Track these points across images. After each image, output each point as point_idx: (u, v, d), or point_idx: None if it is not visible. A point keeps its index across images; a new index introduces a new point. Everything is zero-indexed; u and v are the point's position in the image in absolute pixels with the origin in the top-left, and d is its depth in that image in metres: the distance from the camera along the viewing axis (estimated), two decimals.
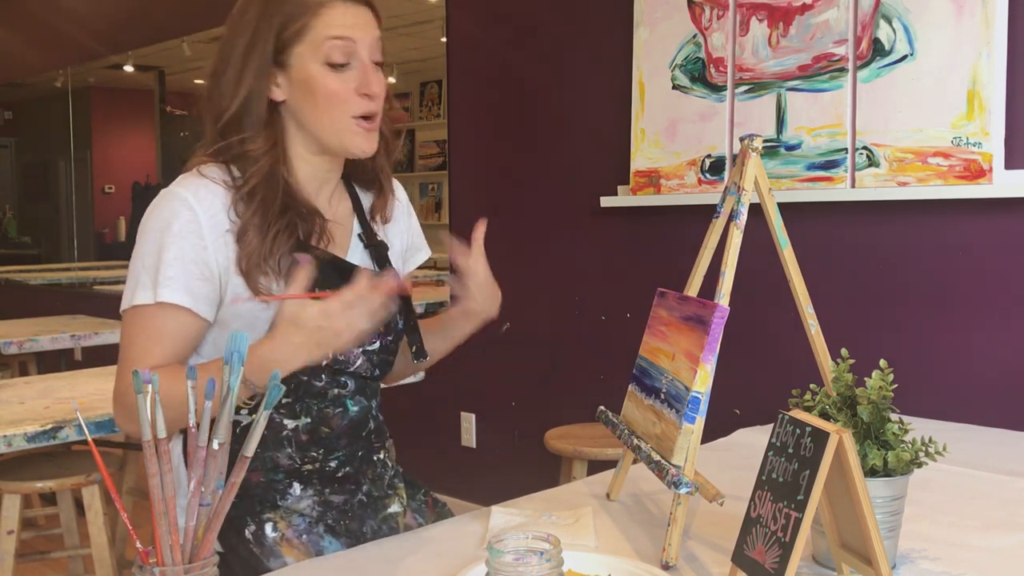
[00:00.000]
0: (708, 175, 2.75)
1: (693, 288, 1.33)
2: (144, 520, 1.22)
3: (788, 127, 2.57)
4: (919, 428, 1.20)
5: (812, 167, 2.52)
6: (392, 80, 3.85)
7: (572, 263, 3.24)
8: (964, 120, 2.25)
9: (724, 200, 1.29)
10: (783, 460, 0.96)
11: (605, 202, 3.03)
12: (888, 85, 2.38)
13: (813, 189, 2.51)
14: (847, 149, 2.45)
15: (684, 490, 1.11)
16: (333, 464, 1.35)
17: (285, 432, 1.31)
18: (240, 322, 1.26)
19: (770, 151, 2.59)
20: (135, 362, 1.23)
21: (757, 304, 2.53)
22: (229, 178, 1.28)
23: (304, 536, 1.31)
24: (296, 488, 1.33)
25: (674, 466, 1.14)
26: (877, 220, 2.48)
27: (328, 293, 1.12)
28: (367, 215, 1.44)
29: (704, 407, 1.15)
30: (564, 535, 1.21)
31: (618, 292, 3.10)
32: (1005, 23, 2.20)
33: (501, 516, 1.31)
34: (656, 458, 1.18)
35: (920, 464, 1.09)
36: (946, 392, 2.35)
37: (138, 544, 0.84)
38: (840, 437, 0.90)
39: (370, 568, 1.17)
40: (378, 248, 1.42)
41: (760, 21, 2.63)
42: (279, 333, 1.12)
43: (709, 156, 2.75)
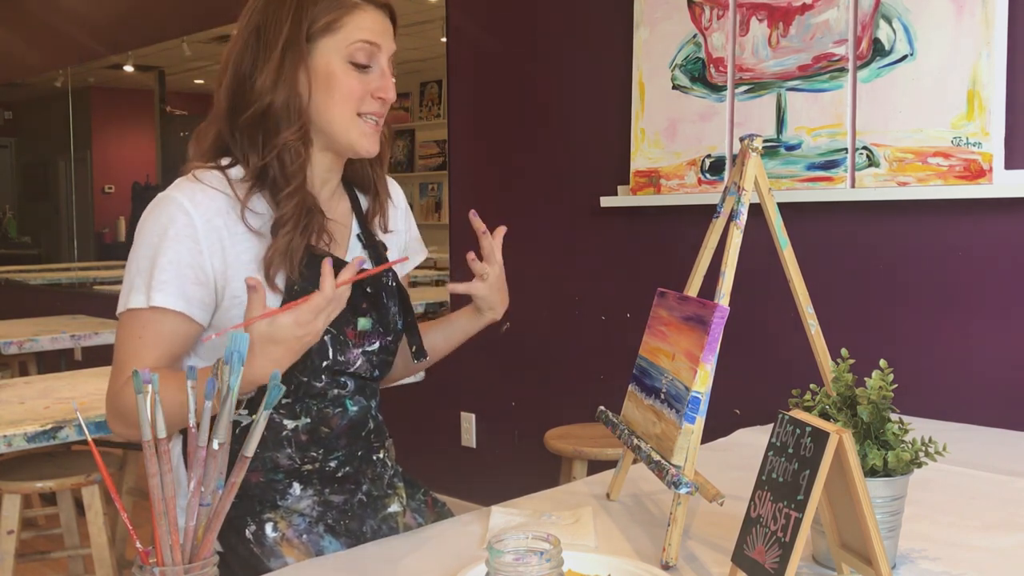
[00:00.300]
0: (708, 175, 2.75)
1: (693, 288, 1.33)
2: (144, 520, 1.22)
3: (788, 127, 2.57)
4: (919, 428, 1.20)
5: (812, 167, 2.52)
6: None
7: (572, 263, 3.25)
8: (964, 120, 2.25)
9: (724, 200, 1.29)
10: (783, 460, 0.96)
11: (605, 202, 3.03)
12: (888, 85, 2.38)
13: (813, 189, 2.51)
14: (847, 149, 2.45)
15: (684, 490, 1.11)
16: (333, 464, 1.35)
17: (285, 432, 1.31)
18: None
19: (770, 151, 2.59)
20: (128, 365, 1.23)
21: (757, 304, 2.53)
22: (227, 183, 1.28)
23: (304, 536, 1.31)
24: (296, 488, 1.33)
25: (674, 466, 1.14)
26: (877, 220, 2.48)
27: (298, 301, 1.11)
28: (365, 217, 1.45)
29: (704, 407, 1.15)
30: (564, 535, 1.21)
31: (618, 292, 3.10)
32: (1005, 23, 2.20)
33: (501, 516, 1.31)
34: (656, 458, 1.18)
35: (920, 464, 1.09)
36: (946, 392, 2.35)
37: (138, 544, 0.84)
38: (840, 437, 0.90)
39: (370, 568, 1.17)
40: (376, 249, 1.42)
41: (760, 21, 2.63)
42: (258, 353, 1.10)
43: (709, 156, 2.75)
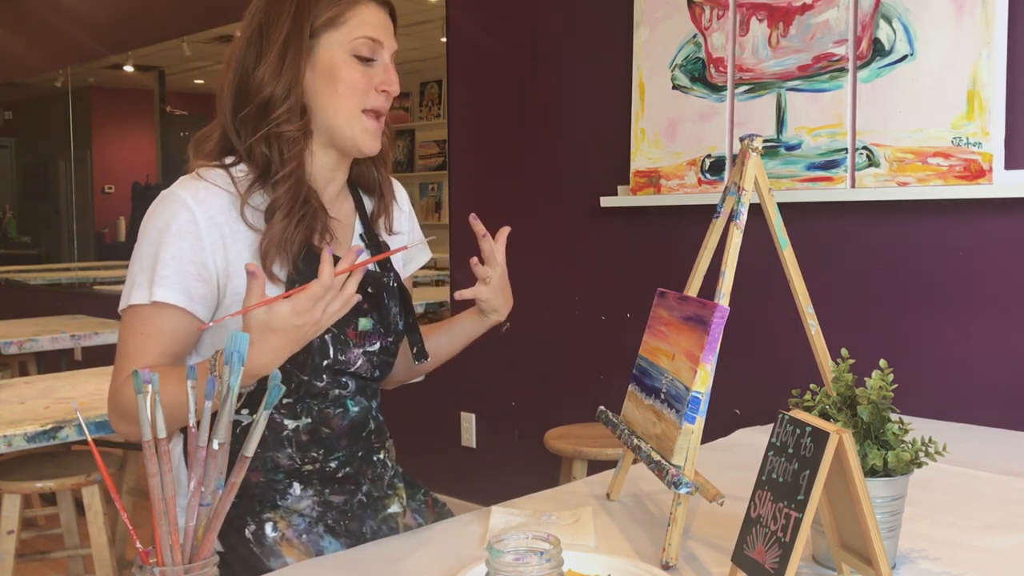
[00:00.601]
0: (708, 175, 2.75)
1: (693, 288, 1.33)
2: (144, 520, 1.22)
3: (788, 127, 2.57)
4: (919, 428, 1.20)
5: (812, 167, 2.52)
6: None
7: (572, 263, 3.24)
8: (964, 120, 2.25)
9: (724, 200, 1.29)
10: (783, 460, 0.96)
11: (605, 202, 3.03)
12: (888, 85, 2.38)
13: (813, 189, 2.51)
14: (847, 149, 2.45)
15: (684, 490, 1.11)
16: (333, 464, 1.35)
17: (285, 432, 1.31)
18: (237, 324, 1.25)
19: (770, 151, 2.59)
20: (130, 361, 1.23)
21: (757, 304, 2.53)
22: (230, 180, 1.29)
23: (304, 536, 1.31)
24: (296, 488, 1.33)
25: (674, 466, 1.14)
26: (877, 220, 2.48)
27: (296, 289, 1.11)
28: (369, 218, 1.45)
29: (704, 407, 1.15)
30: (564, 535, 1.21)
31: (618, 292, 3.10)
32: (1005, 23, 2.20)
33: (501, 516, 1.31)
34: (656, 458, 1.18)
35: (920, 464, 1.09)
36: (946, 392, 2.35)
37: (138, 544, 0.84)
38: (840, 437, 0.90)
39: (370, 568, 1.17)
40: (379, 249, 1.43)
41: (760, 21, 2.63)
42: (256, 340, 1.10)
43: (709, 156, 2.75)
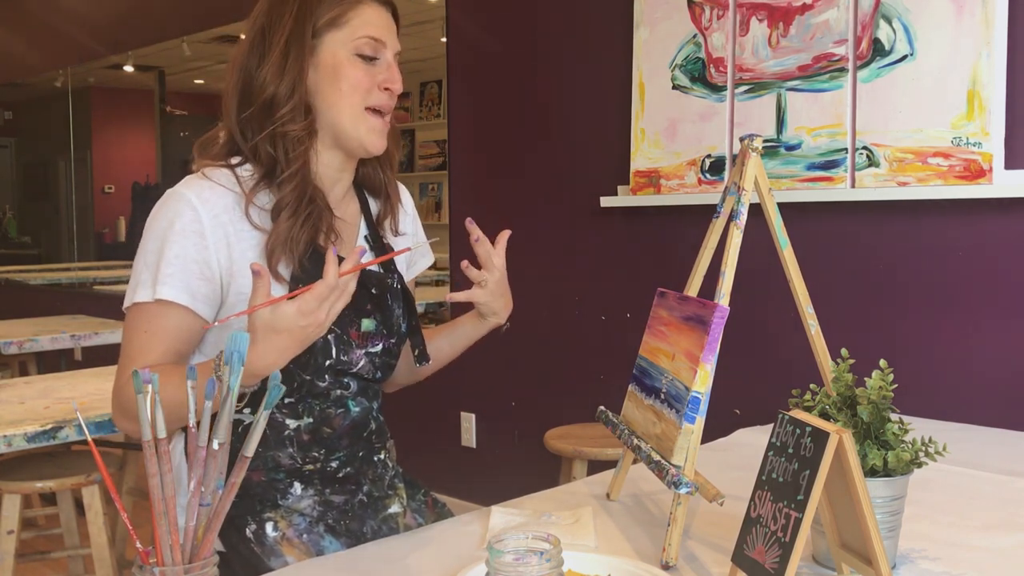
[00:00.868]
0: (708, 175, 2.75)
1: (693, 288, 1.33)
2: (144, 520, 1.22)
3: (788, 127, 2.57)
4: (919, 428, 1.20)
5: (812, 167, 2.52)
6: None
7: (572, 263, 3.24)
8: (964, 120, 2.25)
9: (724, 200, 1.29)
10: (783, 460, 0.96)
11: (605, 202, 3.03)
12: (888, 85, 2.38)
13: (813, 189, 2.51)
14: (847, 149, 2.45)
15: (684, 490, 1.11)
16: (334, 464, 1.35)
17: (287, 432, 1.31)
18: (242, 324, 1.25)
19: (770, 151, 2.59)
20: (134, 359, 1.24)
21: (757, 304, 2.53)
22: (235, 180, 1.29)
23: (305, 536, 1.31)
24: (297, 488, 1.33)
25: (674, 466, 1.14)
26: (877, 220, 2.48)
27: (301, 290, 1.11)
28: (374, 220, 1.46)
29: (704, 407, 1.15)
30: (564, 535, 1.21)
31: (618, 292, 3.10)
32: (1005, 23, 2.20)
33: (501, 516, 1.31)
34: (656, 458, 1.18)
35: (920, 464, 1.09)
36: (946, 392, 2.35)
37: (138, 544, 0.84)
38: (840, 437, 0.90)
39: (370, 568, 1.17)
40: (383, 251, 1.43)
41: (760, 21, 2.63)
42: (260, 340, 1.10)
43: (709, 156, 2.75)
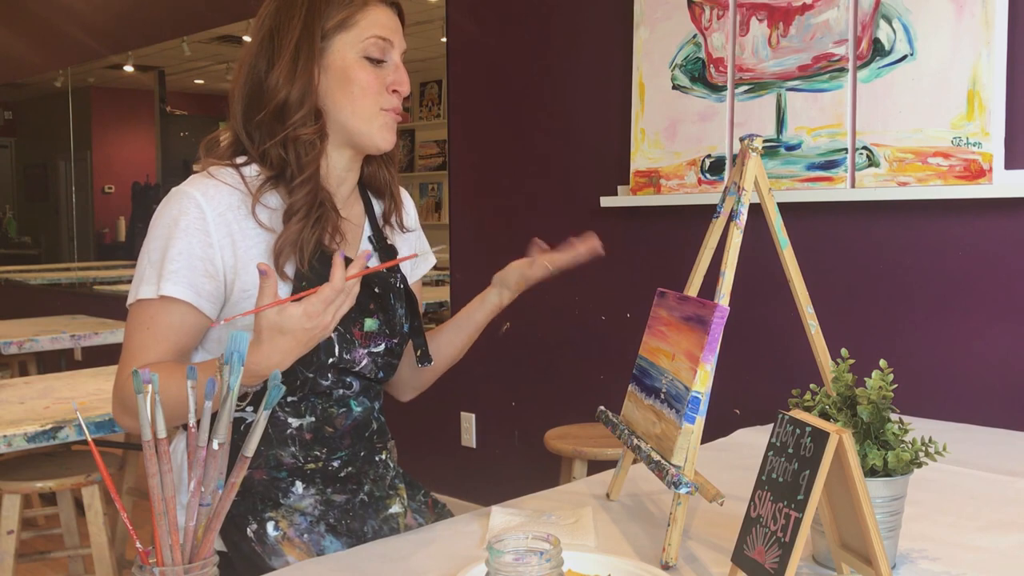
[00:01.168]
0: (708, 175, 2.75)
1: (693, 288, 1.33)
2: (144, 520, 1.22)
3: (788, 127, 2.57)
4: (919, 428, 1.20)
5: (812, 167, 2.52)
6: None
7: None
8: (964, 120, 2.25)
9: (724, 200, 1.29)
10: (783, 460, 0.96)
11: (605, 202, 3.03)
12: (888, 85, 2.38)
13: (813, 189, 2.51)
14: (847, 149, 2.45)
15: (684, 490, 1.11)
16: (336, 464, 1.36)
17: (289, 430, 1.31)
18: (248, 323, 1.25)
19: (770, 151, 2.59)
20: (136, 355, 1.24)
21: (757, 304, 2.53)
22: (240, 179, 1.29)
23: (305, 535, 1.31)
24: (298, 487, 1.33)
25: (674, 466, 1.14)
26: (877, 220, 2.48)
27: (307, 292, 1.11)
28: (378, 221, 1.46)
29: (704, 407, 1.15)
30: (564, 535, 1.21)
31: (618, 292, 3.09)
32: (1005, 23, 2.20)
33: (501, 516, 1.31)
34: (656, 458, 1.18)
35: (920, 464, 1.09)
36: (946, 392, 2.35)
37: (138, 544, 0.84)
38: (840, 437, 0.90)
39: (371, 567, 1.17)
40: (387, 252, 1.43)
41: (760, 21, 2.63)
42: (265, 340, 1.10)
43: (709, 156, 2.75)
